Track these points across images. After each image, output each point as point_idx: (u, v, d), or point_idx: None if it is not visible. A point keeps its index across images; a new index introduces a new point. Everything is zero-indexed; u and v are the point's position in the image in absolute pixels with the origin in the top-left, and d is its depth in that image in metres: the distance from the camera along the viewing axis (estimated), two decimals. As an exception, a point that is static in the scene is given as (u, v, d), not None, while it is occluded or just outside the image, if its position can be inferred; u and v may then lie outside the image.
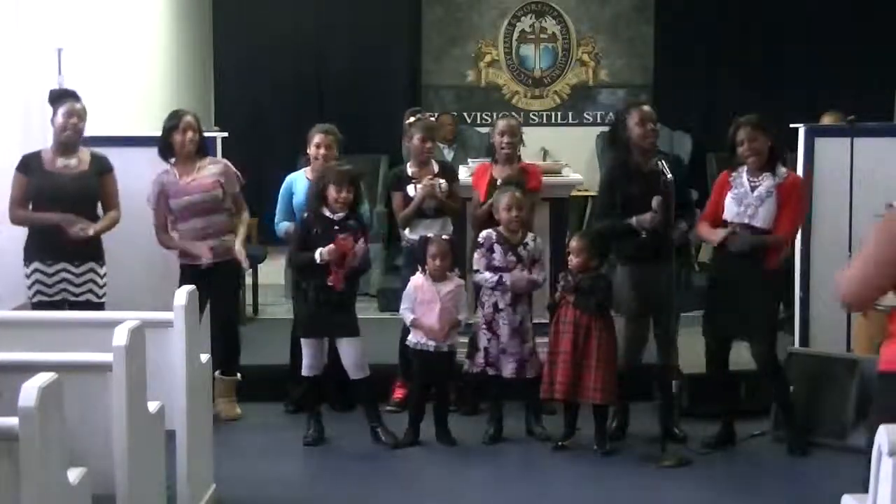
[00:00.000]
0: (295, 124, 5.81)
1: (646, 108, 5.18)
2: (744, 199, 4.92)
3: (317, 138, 5.62)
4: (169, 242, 5.45)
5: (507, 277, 5.11)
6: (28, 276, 5.13)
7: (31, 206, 5.15)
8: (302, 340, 5.23)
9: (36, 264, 5.12)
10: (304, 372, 5.22)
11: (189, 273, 5.34)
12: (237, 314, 5.75)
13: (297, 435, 5.23)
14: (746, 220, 4.91)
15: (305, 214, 5.22)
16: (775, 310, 5.12)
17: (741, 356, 5.18)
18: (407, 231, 5.58)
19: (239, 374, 5.67)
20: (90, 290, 5.19)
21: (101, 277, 5.24)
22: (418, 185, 5.50)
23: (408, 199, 5.54)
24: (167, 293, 4.38)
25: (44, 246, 5.12)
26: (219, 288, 5.44)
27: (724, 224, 4.98)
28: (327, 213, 5.11)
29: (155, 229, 5.43)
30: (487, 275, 5.15)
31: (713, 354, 5.13)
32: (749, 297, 4.89)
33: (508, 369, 5.12)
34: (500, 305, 5.14)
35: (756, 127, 4.90)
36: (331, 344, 5.23)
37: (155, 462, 3.64)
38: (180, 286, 5.25)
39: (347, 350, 5.15)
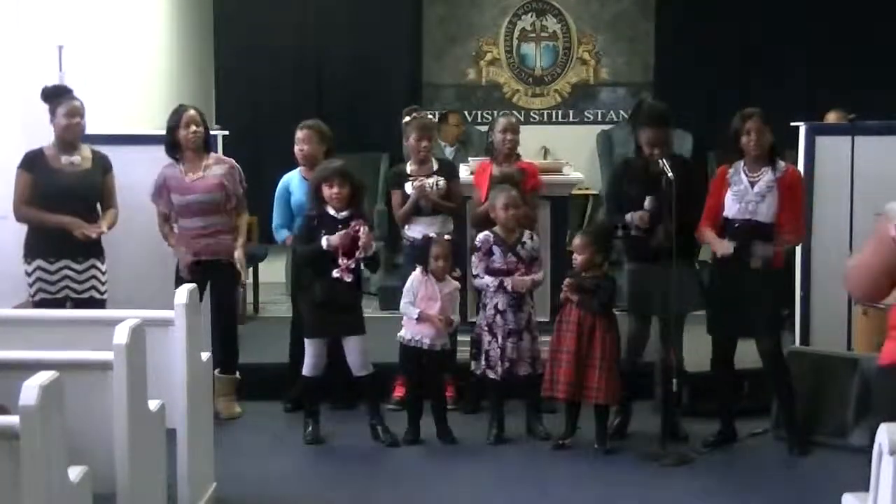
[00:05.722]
0: (295, 123, 5.79)
1: (656, 130, 5.07)
2: (744, 195, 4.93)
3: (297, 134, 5.65)
4: (168, 238, 5.45)
5: (507, 282, 5.10)
6: (30, 274, 5.12)
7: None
8: (306, 340, 5.21)
9: (38, 262, 5.11)
10: (307, 372, 5.19)
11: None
12: (237, 313, 5.74)
13: (298, 434, 5.24)
14: (748, 217, 4.91)
15: (309, 212, 5.20)
16: (779, 306, 5.10)
17: (745, 354, 5.16)
18: (407, 229, 5.58)
19: (238, 373, 5.68)
20: (93, 287, 5.19)
21: (103, 274, 5.25)
22: (416, 183, 5.51)
23: (406, 197, 5.55)
24: (168, 290, 4.38)
25: (46, 243, 5.11)
26: (218, 286, 5.44)
27: (725, 221, 4.99)
28: (331, 212, 5.10)
29: (158, 222, 5.44)
30: (488, 279, 5.15)
31: (719, 352, 5.12)
32: (752, 294, 4.89)
33: (522, 369, 5.13)
34: (501, 307, 5.13)
35: (764, 120, 4.95)
36: (333, 342, 5.23)
37: (156, 460, 3.64)
38: (176, 279, 5.29)
39: (353, 348, 5.14)
